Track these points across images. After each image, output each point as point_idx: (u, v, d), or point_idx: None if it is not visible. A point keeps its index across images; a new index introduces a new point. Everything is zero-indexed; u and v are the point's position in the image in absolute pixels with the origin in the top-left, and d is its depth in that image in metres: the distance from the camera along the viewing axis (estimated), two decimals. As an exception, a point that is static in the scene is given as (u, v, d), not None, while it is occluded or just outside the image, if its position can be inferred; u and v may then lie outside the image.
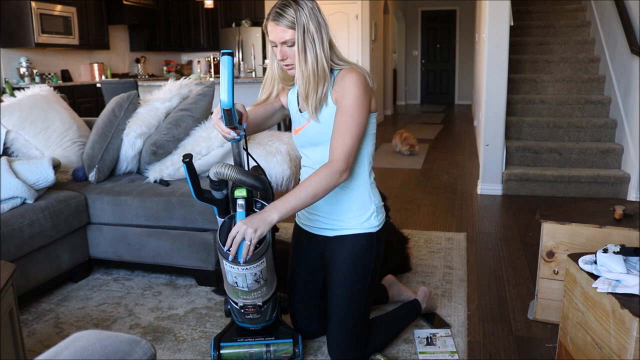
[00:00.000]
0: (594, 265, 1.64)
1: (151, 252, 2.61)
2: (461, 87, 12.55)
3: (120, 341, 0.91)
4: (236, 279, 1.62)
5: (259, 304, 1.72)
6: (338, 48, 1.73)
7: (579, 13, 5.91)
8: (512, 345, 2.05)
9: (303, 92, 1.68)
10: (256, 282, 1.63)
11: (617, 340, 1.45)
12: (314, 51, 1.63)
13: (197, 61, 9.74)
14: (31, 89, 3.10)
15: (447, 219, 3.64)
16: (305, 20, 1.61)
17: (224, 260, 1.58)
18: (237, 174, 1.57)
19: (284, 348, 1.86)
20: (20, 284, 2.25)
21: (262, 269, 1.62)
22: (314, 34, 1.62)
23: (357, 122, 1.64)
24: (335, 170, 1.61)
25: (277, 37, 1.64)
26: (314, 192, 1.59)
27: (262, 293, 1.69)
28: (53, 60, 6.92)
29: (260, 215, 1.54)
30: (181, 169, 2.74)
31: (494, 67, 4.14)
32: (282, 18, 1.61)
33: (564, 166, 4.36)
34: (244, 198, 1.63)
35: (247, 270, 1.58)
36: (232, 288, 1.67)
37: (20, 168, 2.42)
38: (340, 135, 1.64)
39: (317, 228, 1.86)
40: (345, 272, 1.79)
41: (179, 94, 2.95)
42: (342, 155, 1.62)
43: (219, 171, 1.56)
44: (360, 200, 1.79)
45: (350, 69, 1.68)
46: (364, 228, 1.79)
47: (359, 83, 1.65)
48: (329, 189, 1.61)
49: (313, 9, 1.63)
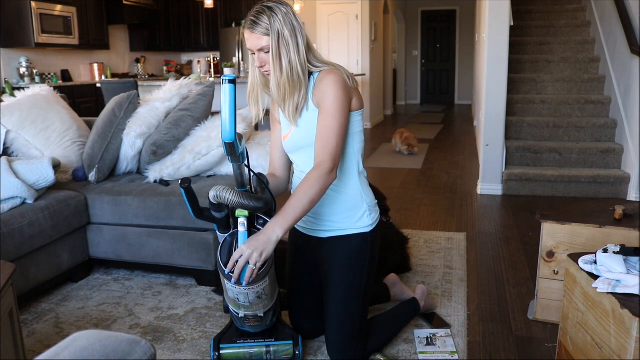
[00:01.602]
0: (594, 265, 1.64)
1: (151, 252, 2.61)
2: (461, 87, 12.55)
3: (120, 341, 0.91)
4: (237, 296, 1.61)
5: (260, 315, 1.72)
6: (316, 50, 1.75)
7: (579, 13, 5.90)
8: (512, 345, 2.05)
9: (279, 98, 1.69)
10: (258, 298, 1.63)
11: (617, 340, 1.45)
12: (288, 57, 1.64)
13: (197, 61, 9.74)
14: (31, 89, 3.10)
15: (447, 219, 3.64)
16: (280, 26, 1.62)
17: (225, 279, 1.55)
18: (239, 199, 1.49)
19: (284, 349, 1.86)
20: (20, 284, 2.25)
21: (265, 287, 1.61)
22: (288, 39, 1.63)
23: (339, 122, 1.66)
24: (323, 171, 1.62)
25: (253, 45, 1.66)
26: (310, 199, 1.60)
27: (263, 306, 1.69)
28: (53, 60, 6.92)
29: (263, 237, 1.52)
30: (181, 169, 2.74)
31: (494, 67, 4.14)
32: (257, 26, 1.63)
33: (564, 166, 4.36)
34: (245, 217, 1.58)
35: (250, 289, 1.57)
36: (234, 302, 1.67)
37: (20, 168, 2.42)
38: (324, 136, 1.65)
39: (311, 230, 1.87)
40: (341, 272, 1.79)
41: (179, 94, 2.95)
42: (327, 156, 1.63)
43: (219, 195, 1.48)
44: (352, 199, 1.79)
45: (328, 71, 1.70)
46: (357, 228, 1.79)
47: (337, 83, 1.66)
48: (322, 191, 1.63)
49: (287, 14, 1.64)
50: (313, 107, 1.72)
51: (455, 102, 12.64)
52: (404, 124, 8.71)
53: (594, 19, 5.39)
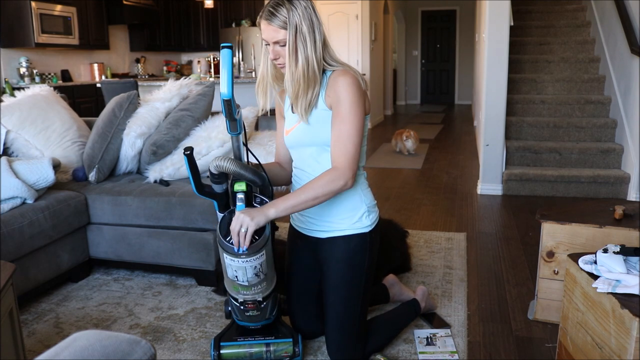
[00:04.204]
0: (594, 265, 1.64)
1: (151, 252, 2.61)
2: (461, 87, 12.55)
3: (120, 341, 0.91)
4: (236, 273, 1.63)
5: (258, 299, 1.73)
6: (332, 48, 1.71)
7: (579, 13, 5.90)
8: (512, 345, 2.05)
9: (292, 93, 1.67)
10: (256, 275, 1.65)
11: (617, 340, 1.45)
12: (305, 53, 1.61)
13: (197, 61, 9.74)
14: (31, 89, 3.10)
15: (447, 219, 3.64)
16: (298, 20, 1.59)
17: (224, 253, 1.60)
18: (236, 167, 1.60)
19: (284, 347, 1.86)
20: (20, 284, 2.25)
21: (262, 262, 1.64)
22: (306, 34, 1.60)
23: (356, 127, 1.64)
24: (340, 177, 1.62)
25: (269, 37, 1.63)
26: (315, 195, 1.60)
27: (261, 288, 1.70)
28: (53, 60, 6.92)
29: (258, 209, 1.58)
30: (181, 169, 2.74)
31: (494, 67, 4.14)
32: (275, 17, 1.60)
33: (564, 166, 4.36)
34: (243, 192, 1.66)
35: (247, 262, 1.60)
36: (232, 283, 1.68)
37: (20, 168, 2.42)
38: (341, 142, 1.63)
39: (310, 230, 1.86)
40: (340, 273, 1.78)
41: (179, 94, 2.95)
42: (346, 163, 1.62)
43: (219, 164, 1.60)
44: (351, 201, 1.78)
45: (343, 71, 1.67)
46: (355, 228, 1.77)
47: (353, 86, 1.63)
48: (330, 194, 1.62)
49: (307, 8, 1.61)
50: (323, 105, 1.69)
51: (455, 102, 12.64)
52: (404, 124, 8.71)
53: (594, 19, 5.39)
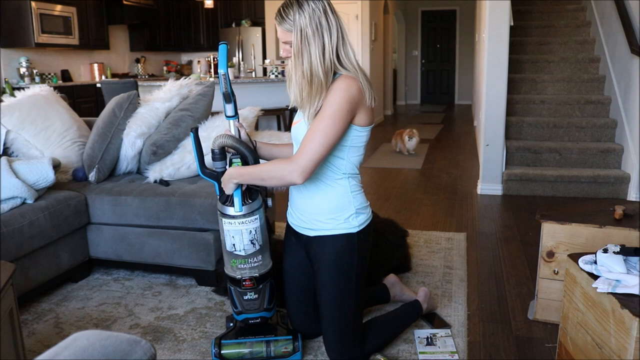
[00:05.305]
0: (594, 265, 1.64)
1: (151, 252, 2.61)
2: (461, 87, 12.55)
3: (120, 341, 0.91)
4: (234, 240, 1.78)
5: (255, 275, 1.83)
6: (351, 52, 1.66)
7: (579, 13, 5.90)
8: (512, 345, 2.05)
9: (297, 96, 1.66)
10: (252, 243, 1.79)
11: (617, 340, 1.45)
12: (309, 58, 1.59)
13: (197, 61, 9.74)
14: (31, 89, 3.10)
15: (447, 219, 3.64)
16: (304, 24, 1.57)
17: (223, 218, 1.77)
18: (233, 142, 1.77)
19: (284, 344, 1.90)
20: (20, 284, 2.25)
21: (257, 228, 1.79)
22: (310, 40, 1.58)
23: (329, 131, 1.59)
24: (290, 170, 1.60)
25: (280, 37, 1.66)
26: (262, 177, 1.68)
27: (257, 262, 1.82)
28: (53, 60, 6.92)
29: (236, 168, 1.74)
30: (181, 169, 2.75)
31: (494, 67, 4.14)
32: (283, 20, 1.61)
33: (564, 166, 4.36)
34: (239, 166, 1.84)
35: (243, 225, 1.75)
36: (230, 256, 1.81)
37: (20, 168, 2.42)
38: (308, 138, 1.60)
39: (301, 227, 1.85)
40: (329, 273, 1.78)
41: (179, 94, 2.95)
42: (301, 160, 1.59)
43: (218, 141, 1.77)
44: (339, 202, 1.75)
45: (346, 77, 1.62)
46: (342, 229, 1.75)
47: (345, 92, 1.59)
48: (276, 181, 1.66)
49: (315, 11, 1.57)
50: None
51: (455, 102, 12.64)
52: (404, 124, 8.71)
53: (594, 19, 5.39)
